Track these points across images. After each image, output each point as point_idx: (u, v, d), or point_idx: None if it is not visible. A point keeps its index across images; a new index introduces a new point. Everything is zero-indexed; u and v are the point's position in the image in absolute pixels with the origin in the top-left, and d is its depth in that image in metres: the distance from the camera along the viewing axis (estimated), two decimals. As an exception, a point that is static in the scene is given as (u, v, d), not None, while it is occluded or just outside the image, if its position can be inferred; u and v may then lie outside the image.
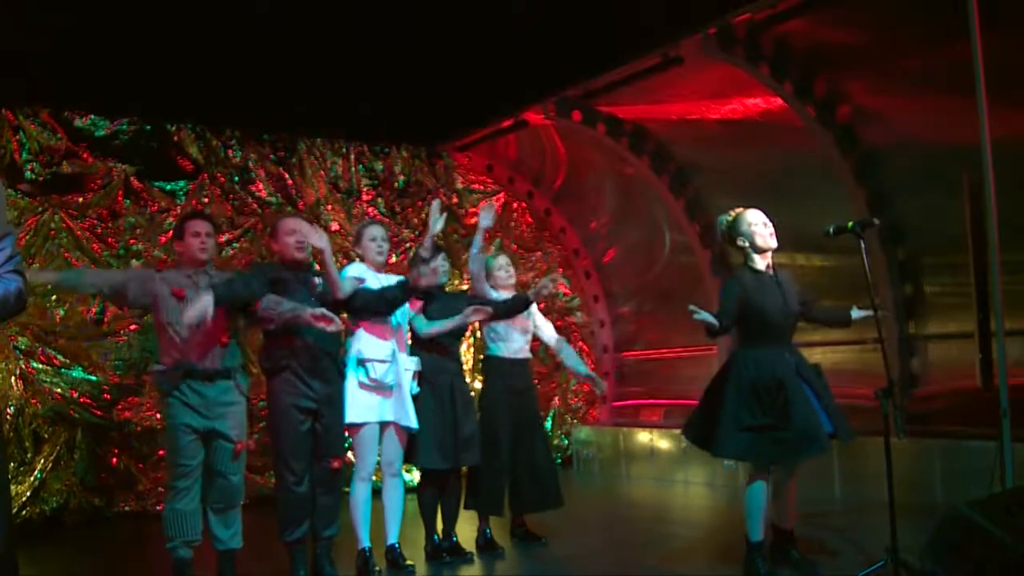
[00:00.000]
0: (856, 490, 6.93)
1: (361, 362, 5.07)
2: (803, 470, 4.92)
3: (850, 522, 6.11)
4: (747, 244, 4.74)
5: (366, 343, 5.13)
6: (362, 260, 5.39)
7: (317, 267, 5.19)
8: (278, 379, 4.84)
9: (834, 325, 5.12)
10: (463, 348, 9.34)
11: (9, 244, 2.56)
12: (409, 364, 5.26)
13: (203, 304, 4.25)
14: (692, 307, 4.54)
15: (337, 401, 4.95)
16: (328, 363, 4.90)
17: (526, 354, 6.00)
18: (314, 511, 4.92)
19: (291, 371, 4.80)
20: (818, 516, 6.20)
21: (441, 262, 5.55)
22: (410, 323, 5.46)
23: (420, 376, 5.38)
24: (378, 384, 5.04)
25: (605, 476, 9.45)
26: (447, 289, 5.96)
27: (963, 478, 6.14)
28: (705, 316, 4.51)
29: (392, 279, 5.26)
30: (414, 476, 6.85)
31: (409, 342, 5.49)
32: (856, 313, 4.92)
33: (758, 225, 4.74)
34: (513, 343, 5.92)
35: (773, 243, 4.74)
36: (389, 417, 5.12)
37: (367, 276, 5.17)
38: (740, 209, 4.83)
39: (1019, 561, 3.29)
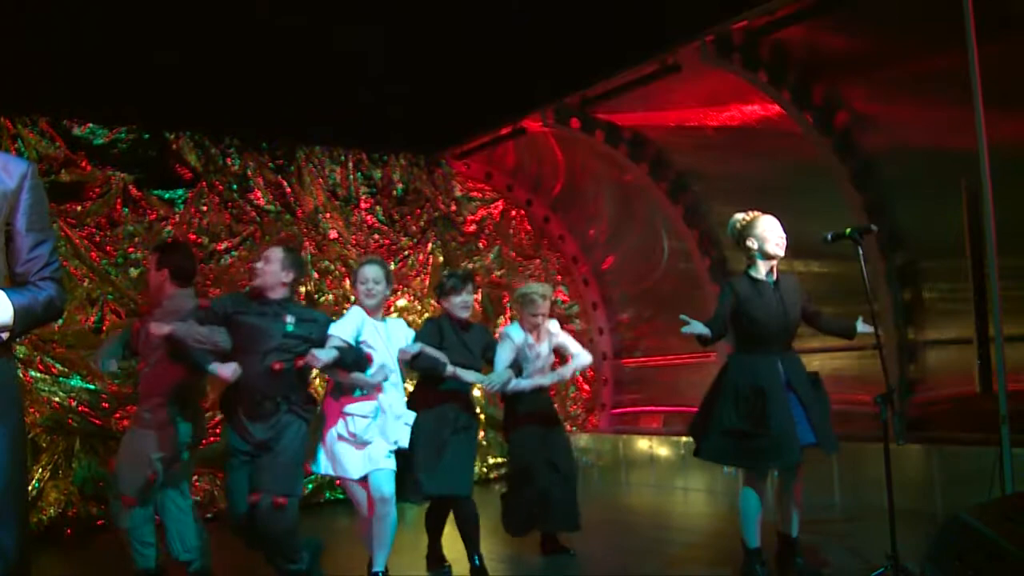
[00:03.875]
0: (856, 496, 6.93)
1: (342, 414, 4.93)
2: (802, 476, 4.92)
3: (850, 529, 6.11)
4: (756, 247, 4.75)
5: (349, 395, 4.98)
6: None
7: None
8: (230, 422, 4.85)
9: (838, 335, 5.13)
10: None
11: (46, 250, 2.54)
12: (407, 418, 5.07)
13: None
14: (683, 317, 4.57)
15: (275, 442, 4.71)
16: (271, 407, 4.71)
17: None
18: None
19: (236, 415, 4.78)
20: (818, 522, 6.19)
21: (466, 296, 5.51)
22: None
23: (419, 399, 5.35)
24: (355, 438, 4.88)
25: (605, 483, 9.43)
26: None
27: (963, 484, 6.14)
28: (694, 328, 4.56)
29: (391, 322, 5.22)
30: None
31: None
32: (861, 327, 4.92)
33: (772, 231, 4.76)
34: (529, 372, 5.84)
35: (781, 252, 4.77)
36: (365, 471, 4.91)
37: (359, 321, 4.99)
38: (757, 213, 4.85)
39: (1020, 568, 3.28)
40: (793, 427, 4.54)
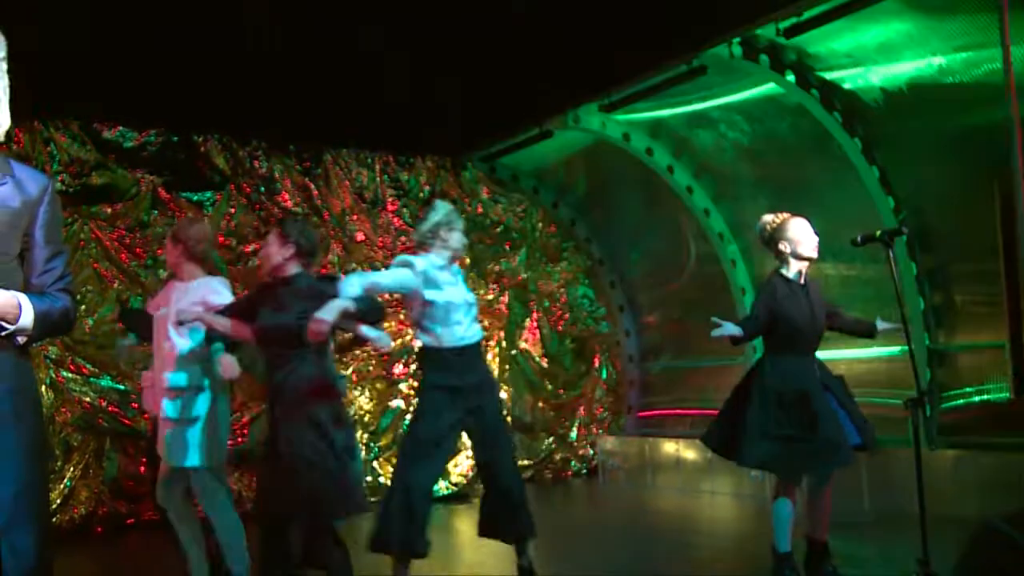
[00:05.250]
0: (885, 501, 6.85)
1: None
2: (832, 481, 4.87)
3: (880, 534, 6.05)
4: (789, 249, 4.72)
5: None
6: None
7: None
8: None
9: (859, 335, 5.08)
10: (488, 357, 9.39)
11: (61, 263, 2.60)
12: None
13: None
14: (714, 319, 4.52)
15: None
16: None
17: (474, 336, 4.76)
18: None
19: None
20: (848, 528, 6.13)
21: None
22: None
23: None
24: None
25: (631, 486, 9.40)
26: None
27: (996, 490, 6.07)
28: (726, 330, 4.51)
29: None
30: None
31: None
32: (881, 325, 4.88)
33: (805, 233, 4.72)
34: (455, 326, 4.67)
35: (815, 254, 4.73)
36: None
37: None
38: (786, 215, 4.81)
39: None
40: (842, 429, 4.51)
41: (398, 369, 9.06)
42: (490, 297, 9.72)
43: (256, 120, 7.99)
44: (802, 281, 4.77)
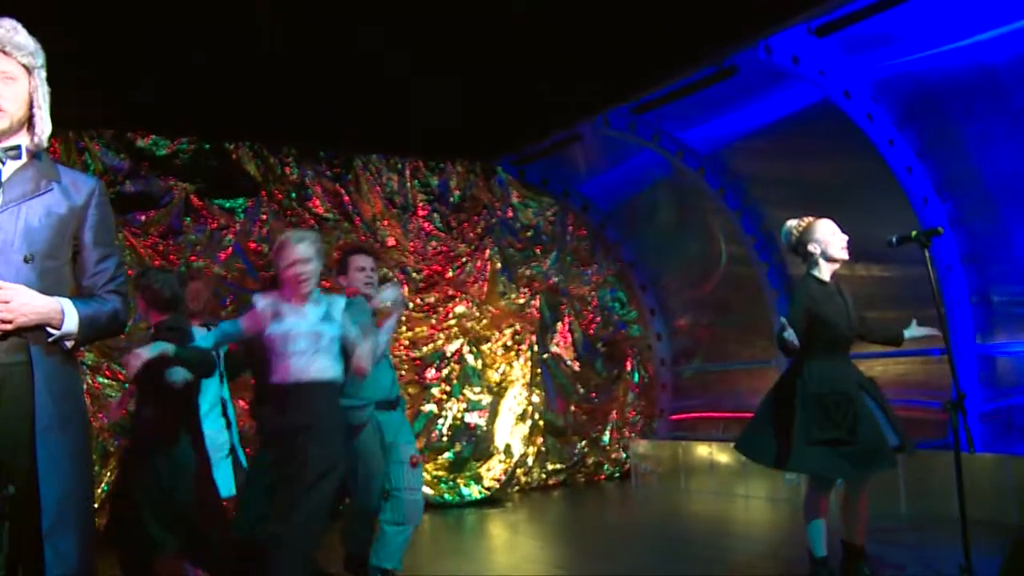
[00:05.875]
0: (922, 505, 6.76)
1: None
2: (868, 484, 4.81)
3: (918, 539, 5.96)
4: (818, 252, 4.67)
5: None
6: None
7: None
8: None
9: (885, 343, 4.98)
10: (520, 361, 9.40)
11: (111, 264, 2.64)
12: None
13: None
14: (783, 321, 4.35)
15: None
16: None
17: (316, 375, 4.26)
18: None
19: None
20: (885, 532, 6.06)
21: None
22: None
23: None
24: None
25: (664, 490, 9.35)
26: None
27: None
28: (793, 337, 4.31)
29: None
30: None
31: None
32: (909, 332, 4.80)
33: (834, 235, 4.67)
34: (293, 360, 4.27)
35: (846, 255, 4.67)
36: None
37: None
38: (811, 218, 4.76)
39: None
40: (882, 432, 4.44)
41: (430, 374, 9.08)
42: (521, 301, 9.72)
43: (287, 127, 8.04)
44: (834, 282, 4.72)
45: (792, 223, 4.81)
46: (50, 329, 2.43)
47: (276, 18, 6.12)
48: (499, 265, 9.62)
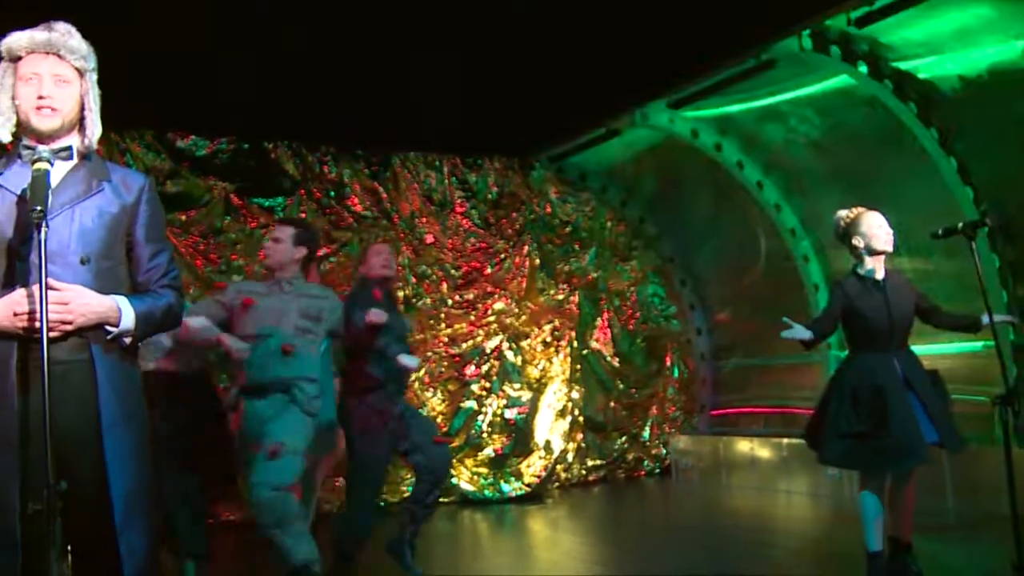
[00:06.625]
0: (970, 502, 6.64)
1: None
2: (914, 480, 4.75)
3: (966, 536, 5.87)
4: (862, 244, 4.64)
5: None
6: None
7: None
8: None
9: (961, 330, 4.94)
10: (560, 357, 9.41)
11: (164, 259, 2.67)
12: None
13: None
14: (785, 319, 4.50)
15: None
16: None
17: None
18: None
19: None
20: (931, 529, 5.96)
21: None
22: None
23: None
24: None
25: (705, 486, 9.29)
26: None
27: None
28: (796, 333, 4.52)
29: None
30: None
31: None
32: (986, 319, 4.73)
33: (879, 227, 4.64)
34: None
35: (890, 247, 4.64)
36: None
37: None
38: (860, 209, 4.73)
39: None
40: (917, 426, 4.39)
41: (470, 370, 9.09)
42: (560, 297, 9.70)
43: (324, 126, 8.09)
44: (879, 276, 4.66)
45: (842, 213, 4.79)
46: (108, 327, 2.47)
47: (314, 18, 6.16)
48: (538, 261, 9.61)
